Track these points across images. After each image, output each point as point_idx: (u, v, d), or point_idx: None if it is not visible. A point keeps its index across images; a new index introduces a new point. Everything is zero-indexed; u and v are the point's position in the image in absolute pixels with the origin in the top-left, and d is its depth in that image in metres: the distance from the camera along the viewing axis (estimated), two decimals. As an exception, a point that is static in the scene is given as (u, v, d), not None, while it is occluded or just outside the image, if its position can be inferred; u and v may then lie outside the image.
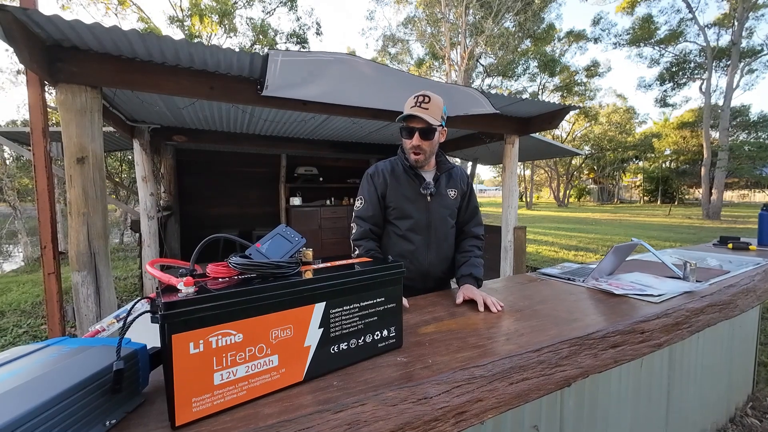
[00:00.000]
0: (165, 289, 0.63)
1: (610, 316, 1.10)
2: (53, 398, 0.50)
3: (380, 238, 1.44)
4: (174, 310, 0.56)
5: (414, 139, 1.30)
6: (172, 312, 0.56)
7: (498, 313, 1.15)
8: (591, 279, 1.51)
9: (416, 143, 1.30)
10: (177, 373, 0.57)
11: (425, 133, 1.29)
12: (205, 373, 0.60)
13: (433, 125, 1.27)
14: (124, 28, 1.91)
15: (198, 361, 0.59)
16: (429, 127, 1.27)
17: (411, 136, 1.30)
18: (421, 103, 1.27)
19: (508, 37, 16.62)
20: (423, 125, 1.27)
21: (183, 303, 0.57)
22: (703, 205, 16.32)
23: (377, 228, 1.41)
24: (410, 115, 1.27)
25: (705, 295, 1.32)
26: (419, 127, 1.28)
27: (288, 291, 0.69)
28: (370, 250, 1.33)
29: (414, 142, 1.30)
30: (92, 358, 0.60)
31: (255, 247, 0.78)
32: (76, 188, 2.17)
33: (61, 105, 2.13)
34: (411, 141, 1.31)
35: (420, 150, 1.31)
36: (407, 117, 1.29)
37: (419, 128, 1.28)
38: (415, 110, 1.26)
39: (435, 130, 1.30)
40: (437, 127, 1.29)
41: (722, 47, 17.66)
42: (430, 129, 1.28)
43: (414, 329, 1.01)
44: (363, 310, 0.81)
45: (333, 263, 0.88)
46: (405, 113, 1.28)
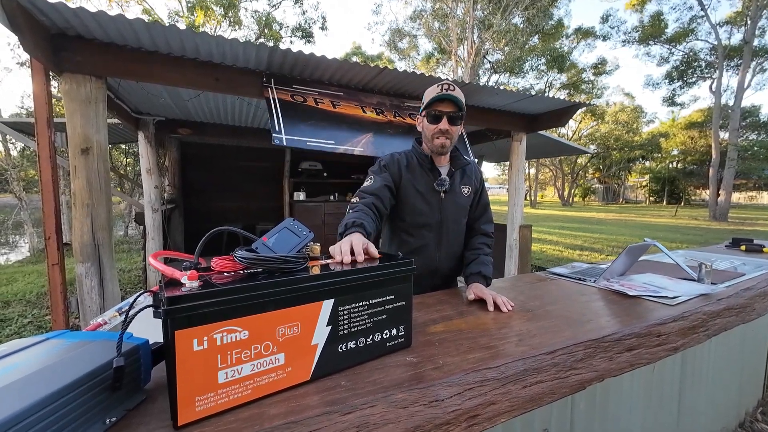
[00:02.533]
0: (168, 282, 0.61)
1: (625, 318, 1.07)
2: (51, 395, 0.47)
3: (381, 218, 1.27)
4: (177, 305, 0.54)
5: (442, 123, 1.26)
6: (175, 307, 0.53)
7: (508, 313, 1.12)
8: (602, 279, 1.47)
9: (444, 127, 1.26)
10: (180, 371, 0.54)
11: (453, 118, 1.26)
12: (209, 371, 0.57)
13: (462, 110, 1.24)
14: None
15: (202, 358, 0.56)
16: (457, 111, 1.24)
17: (439, 120, 1.26)
18: (447, 89, 1.24)
19: (516, 32, 16.41)
20: (452, 109, 1.24)
21: (187, 298, 0.54)
22: (710, 207, 16.13)
23: (380, 203, 1.25)
24: (438, 98, 1.23)
25: (722, 298, 1.28)
26: (448, 111, 1.25)
27: (296, 287, 0.66)
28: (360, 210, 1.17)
29: (442, 126, 1.26)
30: (92, 354, 0.58)
31: (261, 240, 0.75)
32: (80, 179, 2.15)
33: (66, 95, 2.11)
34: (438, 125, 1.26)
35: (447, 135, 1.27)
36: (435, 101, 1.24)
37: (448, 112, 1.25)
38: (445, 93, 1.22)
39: (462, 117, 1.27)
40: (463, 114, 1.27)
41: (734, 46, 17.36)
42: (459, 115, 1.25)
43: (422, 328, 0.98)
44: (372, 307, 0.78)
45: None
46: (434, 96, 1.24)
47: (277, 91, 2.61)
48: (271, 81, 2.62)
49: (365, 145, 2.81)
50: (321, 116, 2.70)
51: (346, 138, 2.75)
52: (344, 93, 2.92)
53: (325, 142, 2.66)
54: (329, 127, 2.70)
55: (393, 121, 3.04)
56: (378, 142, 2.85)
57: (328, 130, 2.69)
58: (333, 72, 2.70)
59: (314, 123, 2.64)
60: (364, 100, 3.00)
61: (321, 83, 2.85)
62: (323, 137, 2.65)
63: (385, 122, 2.99)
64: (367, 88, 3.05)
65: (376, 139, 2.86)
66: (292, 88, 2.69)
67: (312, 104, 2.71)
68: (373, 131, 2.88)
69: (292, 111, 2.59)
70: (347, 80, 2.87)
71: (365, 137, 2.82)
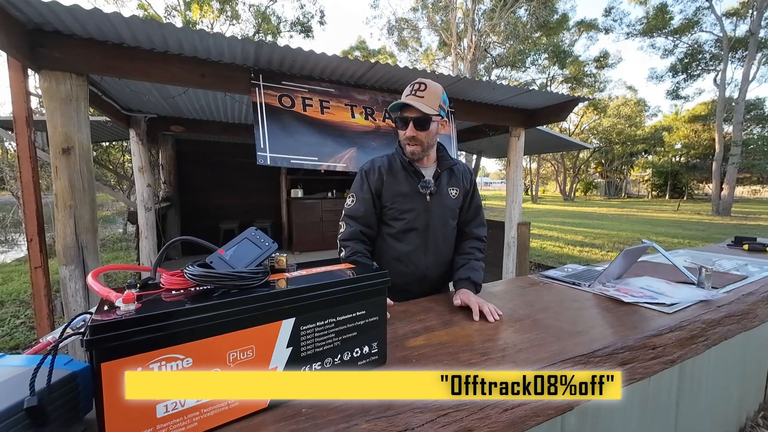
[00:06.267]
0: (101, 305, 0.55)
1: (619, 329, 1.01)
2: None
3: (372, 240, 1.35)
4: (102, 334, 0.48)
5: (408, 130, 1.19)
6: (99, 336, 0.47)
7: (495, 323, 1.06)
8: (597, 284, 1.41)
9: (411, 134, 1.20)
10: (108, 408, 0.48)
11: (420, 123, 1.18)
12: (144, 406, 0.51)
13: (428, 114, 1.16)
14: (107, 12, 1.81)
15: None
16: (424, 116, 1.17)
17: (406, 126, 1.20)
18: (416, 92, 1.17)
19: (518, 24, 16.16)
20: (417, 114, 1.17)
21: (114, 325, 0.48)
22: (713, 201, 15.97)
23: (369, 229, 1.31)
24: (403, 104, 1.17)
25: (722, 305, 1.22)
26: (413, 116, 1.18)
27: (250, 307, 0.60)
28: (356, 253, 1.23)
29: (408, 132, 1.20)
30: (16, 387, 0.52)
31: (218, 253, 0.69)
32: (62, 180, 2.09)
33: (45, 93, 2.04)
34: (405, 132, 1.21)
35: (415, 141, 1.21)
36: (401, 106, 1.18)
37: (413, 117, 1.18)
38: (408, 99, 1.16)
39: (431, 120, 1.19)
40: (434, 116, 1.19)
41: (739, 37, 17.06)
42: (426, 119, 1.18)
43: (401, 342, 0.92)
44: (340, 325, 0.72)
45: (309, 271, 0.79)
46: (398, 102, 1.18)
47: (265, 90, 2.54)
48: (259, 77, 2.54)
49: (348, 160, 2.80)
50: (307, 127, 2.67)
51: (329, 154, 2.75)
52: (335, 89, 2.84)
53: (309, 159, 2.66)
54: (313, 141, 2.69)
55: (381, 126, 2.98)
56: (361, 158, 2.83)
57: (312, 145, 2.69)
58: (323, 67, 2.62)
59: (299, 138, 2.63)
60: (356, 97, 2.92)
61: (311, 79, 2.76)
62: (307, 153, 2.66)
63: (372, 130, 2.94)
64: (360, 84, 2.97)
65: (360, 155, 2.84)
66: (281, 85, 2.61)
67: (299, 109, 2.65)
68: (358, 145, 2.86)
69: (277, 123, 2.57)
70: (338, 75, 2.79)
71: (349, 152, 2.81)
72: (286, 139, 2.59)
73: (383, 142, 2.96)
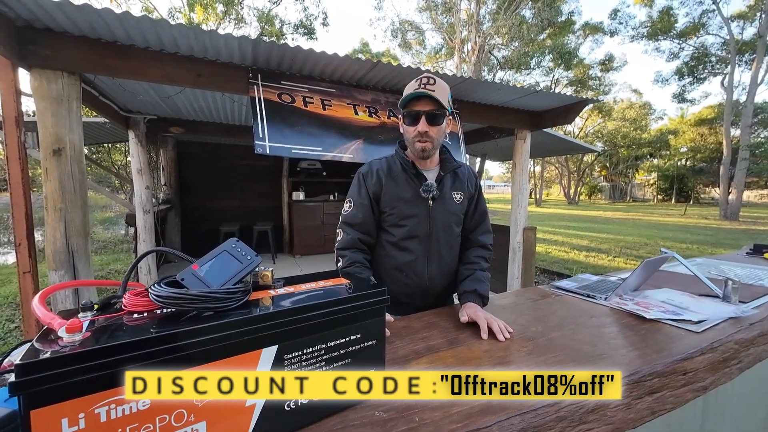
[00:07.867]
0: (43, 335, 0.46)
1: (644, 351, 0.90)
2: None
3: (372, 248, 1.25)
4: (32, 375, 0.39)
5: (420, 125, 1.10)
6: (27, 379, 0.38)
7: (506, 342, 0.96)
8: (614, 296, 1.31)
9: (423, 129, 1.10)
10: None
11: (433, 117, 1.10)
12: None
13: (444, 105, 1.08)
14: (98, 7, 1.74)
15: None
16: (437, 109, 1.08)
17: (416, 121, 1.11)
18: (425, 85, 1.08)
19: (523, 25, 16.07)
20: (430, 107, 1.08)
21: (46, 363, 0.39)
22: (720, 205, 15.74)
23: (367, 237, 1.22)
24: (413, 96, 1.08)
25: (754, 322, 1.11)
26: (426, 110, 1.09)
27: (223, 334, 0.51)
28: (354, 263, 1.14)
29: (420, 128, 1.10)
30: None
31: (191, 269, 0.60)
32: (52, 182, 2.02)
33: (36, 92, 1.98)
34: (416, 127, 1.11)
35: (427, 137, 1.12)
36: (411, 99, 1.10)
37: (426, 111, 1.09)
38: (420, 90, 1.07)
39: (444, 115, 1.11)
40: (446, 111, 1.10)
41: (747, 40, 16.87)
42: (439, 113, 1.09)
43: (402, 364, 0.83)
44: (331, 351, 0.63)
45: (297, 287, 0.69)
46: (409, 94, 1.09)
47: (264, 88, 2.46)
48: (257, 77, 2.47)
49: (354, 151, 2.67)
50: (309, 120, 2.55)
51: (334, 144, 2.60)
52: (336, 90, 2.76)
53: (312, 149, 2.51)
54: (317, 132, 2.55)
55: (386, 123, 2.88)
56: (368, 149, 2.70)
57: (316, 135, 2.54)
58: (323, 67, 2.54)
59: (300, 128, 2.49)
60: (358, 97, 2.84)
61: (311, 79, 2.69)
62: (310, 144, 2.51)
63: (377, 125, 2.83)
64: (361, 84, 2.89)
65: (366, 147, 2.71)
66: (281, 85, 2.54)
67: (300, 105, 2.55)
68: (363, 137, 2.73)
69: (277, 114, 2.44)
70: (339, 75, 2.72)
71: (355, 144, 2.68)
72: (287, 129, 2.45)
73: (390, 137, 2.84)
